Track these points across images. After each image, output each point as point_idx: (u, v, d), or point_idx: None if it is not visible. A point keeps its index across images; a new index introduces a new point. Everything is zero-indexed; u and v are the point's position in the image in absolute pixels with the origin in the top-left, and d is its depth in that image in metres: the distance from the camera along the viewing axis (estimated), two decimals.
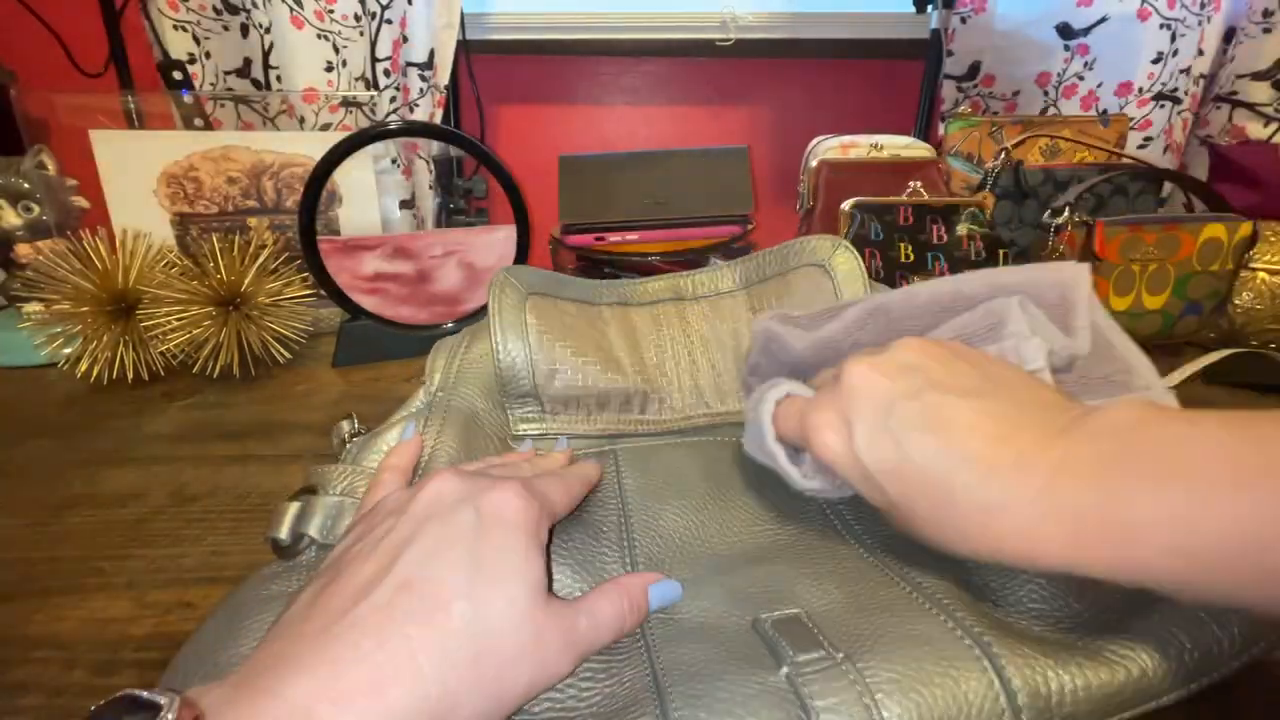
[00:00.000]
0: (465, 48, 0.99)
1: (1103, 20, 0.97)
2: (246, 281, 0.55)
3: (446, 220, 0.99)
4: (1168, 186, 0.76)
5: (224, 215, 0.71)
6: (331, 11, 0.89)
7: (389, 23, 0.90)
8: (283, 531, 0.28)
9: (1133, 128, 0.97)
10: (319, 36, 0.89)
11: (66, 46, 0.87)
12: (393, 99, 0.94)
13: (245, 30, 0.90)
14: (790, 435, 0.28)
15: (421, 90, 0.95)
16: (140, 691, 0.17)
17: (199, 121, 0.73)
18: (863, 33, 1.16)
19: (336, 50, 0.91)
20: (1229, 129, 0.96)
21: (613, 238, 0.76)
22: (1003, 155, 0.71)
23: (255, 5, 0.87)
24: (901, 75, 1.15)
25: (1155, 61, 0.96)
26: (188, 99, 0.73)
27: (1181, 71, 0.95)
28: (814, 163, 0.82)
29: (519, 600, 0.21)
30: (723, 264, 0.44)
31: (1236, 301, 0.59)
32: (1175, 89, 0.96)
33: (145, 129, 0.73)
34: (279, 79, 0.91)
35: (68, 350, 0.54)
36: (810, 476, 0.28)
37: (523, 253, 0.63)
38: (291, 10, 0.87)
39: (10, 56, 0.81)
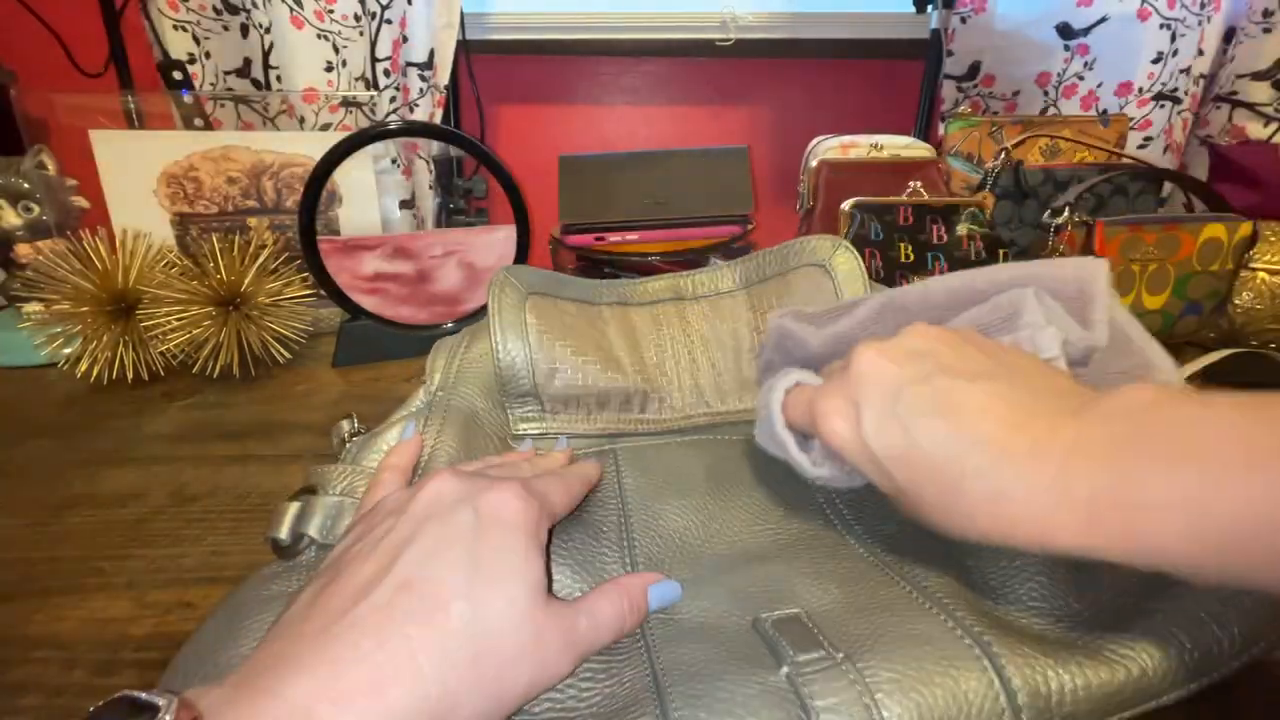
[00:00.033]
0: (465, 48, 0.99)
1: (1103, 20, 0.97)
2: (246, 281, 0.56)
3: (446, 220, 0.99)
4: (1168, 186, 0.76)
5: (224, 215, 0.71)
6: (331, 11, 0.89)
7: (389, 23, 0.90)
8: (283, 531, 0.28)
9: (1133, 128, 0.96)
10: (319, 36, 0.89)
11: (66, 46, 0.86)
12: (393, 99, 0.94)
13: (245, 30, 0.90)
14: (799, 423, 0.28)
15: (421, 90, 0.95)
16: (138, 693, 0.17)
17: (199, 121, 0.73)
18: (863, 33, 1.16)
19: (336, 50, 0.90)
20: (1229, 129, 0.96)
21: (613, 238, 0.76)
22: (1003, 155, 0.71)
23: (255, 5, 0.87)
24: (901, 75, 1.15)
25: (1155, 61, 0.96)
26: (188, 99, 0.73)
27: (1181, 71, 0.95)
28: (814, 163, 0.82)
29: (518, 600, 0.21)
30: (723, 264, 0.44)
31: (1236, 301, 0.59)
32: (1175, 89, 0.96)
33: (145, 129, 0.73)
34: (279, 79, 0.91)
35: (68, 350, 0.54)
36: (819, 464, 0.28)
37: (523, 253, 0.63)
38: (291, 10, 0.87)
39: (10, 56, 0.81)
